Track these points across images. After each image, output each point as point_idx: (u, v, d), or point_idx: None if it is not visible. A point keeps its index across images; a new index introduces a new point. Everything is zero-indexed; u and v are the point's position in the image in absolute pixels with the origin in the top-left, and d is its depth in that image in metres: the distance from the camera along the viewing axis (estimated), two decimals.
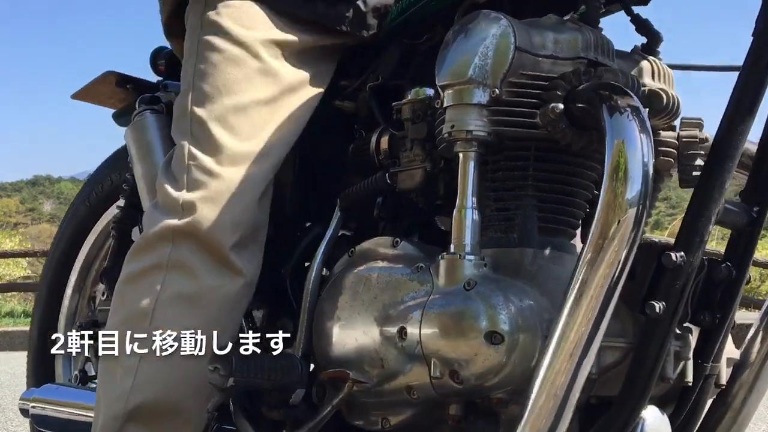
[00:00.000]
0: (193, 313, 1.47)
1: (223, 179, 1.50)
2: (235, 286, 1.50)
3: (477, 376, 1.23)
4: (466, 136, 1.29)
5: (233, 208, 1.49)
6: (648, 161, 1.16)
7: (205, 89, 1.57)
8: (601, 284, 1.15)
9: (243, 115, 1.55)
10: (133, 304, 1.51)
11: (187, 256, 1.49)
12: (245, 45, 1.59)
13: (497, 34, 1.30)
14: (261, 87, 1.58)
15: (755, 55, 1.23)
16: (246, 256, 1.51)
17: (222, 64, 1.58)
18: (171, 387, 1.48)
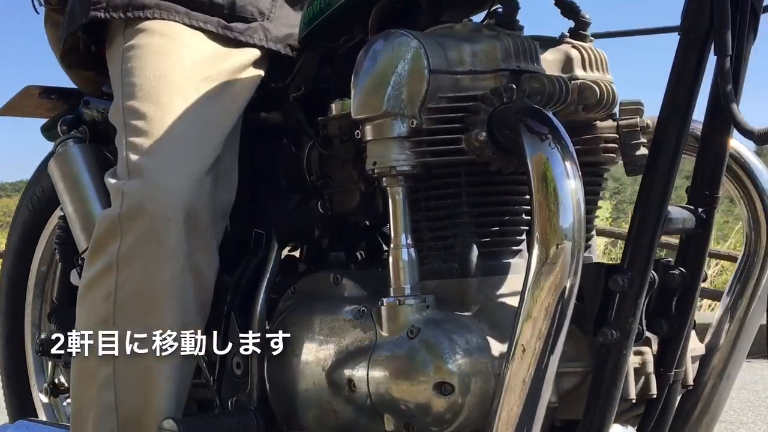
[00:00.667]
0: (154, 310, 1.43)
1: (160, 155, 1.45)
2: (186, 278, 1.44)
3: (432, 426, 1.19)
4: (390, 172, 1.22)
5: (174, 185, 1.43)
6: (576, 186, 1.10)
7: (134, 81, 1.54)
8: (549, 314, 1.11)
9: (177, 94, 1.51)
10: (93, 312, 1.48)
11: (135, 247, 1.44)
12: (170, 37, 1.57)
13: (408, 58, 1.21)
14: (194, 67, 1.55)
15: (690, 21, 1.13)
16: (195, 245, 1.45)
17: (148, 55, 1.56)
18: (153, 389, 1.44)
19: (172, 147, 1.46)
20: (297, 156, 1.52)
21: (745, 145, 1.36)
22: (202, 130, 1.49)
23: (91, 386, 1.47)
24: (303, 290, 1.41)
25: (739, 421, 3.31)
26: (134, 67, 1.55)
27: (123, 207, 1.44)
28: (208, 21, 1.59)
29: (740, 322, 1.39)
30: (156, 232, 1.42)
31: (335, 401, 1.28)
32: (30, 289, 2.31)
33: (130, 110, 1.52)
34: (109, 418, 1.45)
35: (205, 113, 1.51)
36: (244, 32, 1.59)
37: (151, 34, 1.57)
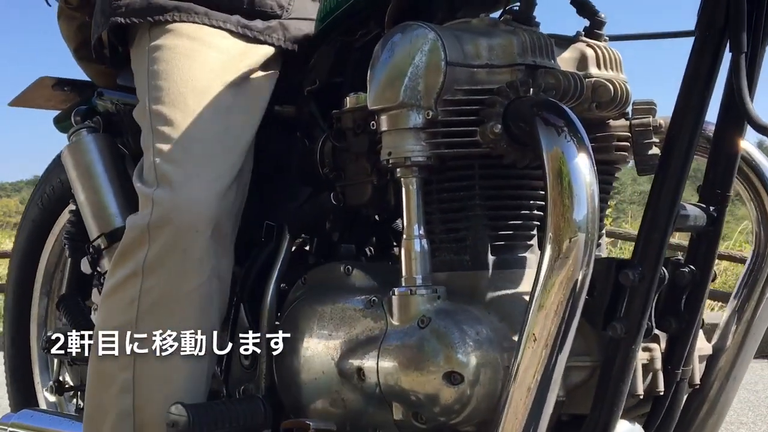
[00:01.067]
0: (175, 318, 1.43)
1: (189, 165, 1.46)
2: (211, 285, 1.45)
3: (440, 416, 1.19)
4: (405, 162, 1.23)
5: (202, 197, 1.43)
6: (590, 178, 1.10)
7: (161, 84, 1.54)
8: (560, 305, 1.11)
9: (204, 99, 1.51)
10: (115, 317, 1.48)
11: (162, 256, 1.44)
12: (196, 39, 1.58)
13: (425, 50, 1.22)
14: (219, 71, 1.55)
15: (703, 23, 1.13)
16: (220, 252, 1.46)
17: (175, 59, 1.56)
18: (172, 395, 1.43)
19: (199, 158, 1.46)
20: (310, 149, 1.53)
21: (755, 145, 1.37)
22: (227, 140, 1.49)
23: (109, 389, 1.47)
24: (314, 280, 1.42)
25: (739, 421, 3.30)
26: (161, 70, 1.55)
27: (152, 216, 1.44)
28: (227, 20, 1.59)
29: (747, 323, 1.39)
30: (183, 242, 1.43)
31: (344, 390, 1.28)
32: (37, 288, 2.31)
33: (157, 114, 1.52)
34: (126, 422, 1.45)
35: (231, 119, 1.51)
36: (263, 31, 1.60)
37: (178, 36, 1.58)
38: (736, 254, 6.36)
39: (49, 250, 2.29)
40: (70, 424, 1.89)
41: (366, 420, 1.27)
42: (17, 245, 2.37)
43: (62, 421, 1.93)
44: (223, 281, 1.48)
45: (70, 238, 1.96)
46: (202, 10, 1.59)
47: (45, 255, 2.30)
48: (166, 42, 1.57)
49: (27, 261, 2.30)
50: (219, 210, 1.44)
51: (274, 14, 1.63)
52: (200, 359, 1.44)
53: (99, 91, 1.93)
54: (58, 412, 2.13)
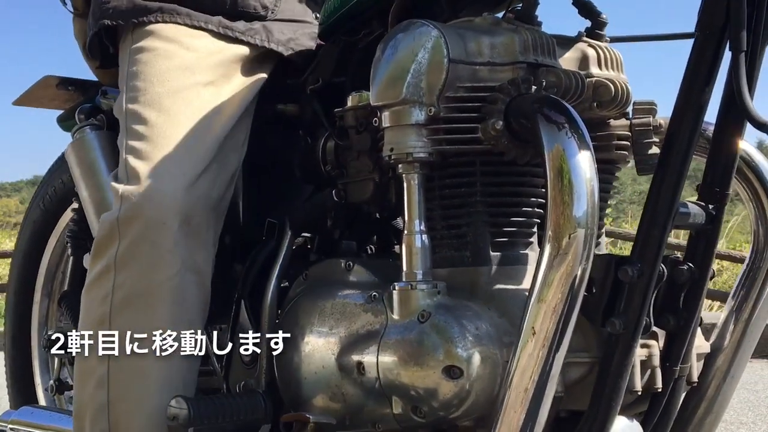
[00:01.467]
0: (148, 312, 1.45)
1: (157, 160, 1.48)
2: (184, 279, 1.46)
3: (439, 410, 1.19)
4: (407, 158, 1.24)
5: (168, 189, 1.45)
6: (591, 174, 1.11)
7: (138, 85, 1.57)
8: (559, 301, 1.12)
9: (179, 99, 1.54)
10: (92, 312, 1.50)
11: (132, 249, 1.46)
12: (175, 41, 1.60)
13: (428, 47, 1.23)
14: (197, 72, 1.57)
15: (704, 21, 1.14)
16: (193, 245, 1.47)
17: (153, 59, 1.58)
18: (147, 390, 1.45)
19: (168, 152, 1.48)
20: (312, 147, 1.54)
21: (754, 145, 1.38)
22: (198, 136, 1.51)
23: (89, 385, 1.48)
24: (315, 276, 1.43)
25: (739, 421, 3.30)
26: (138, 71, 1.58)
27: (121, 210, 1.47)
28: (209, 21, 1.61)
29: (745, 323, 1.40)
30: (151, 234, 1.44)
31: (344, 384, 1.29)
32: (38, 288, 2.32)
33: (132, 114, 1.55)
34: (102, 417, 1.46)
35: (205, 118, 1.52)
36: (245, 32, 1.62)
37: (157, 37, 1.60)
38: (735, 254, 6.36)
39: (51, 251, 2.30)
40: (69, 420, 1.89)
41: (366, 414, 1.27)
42: (19, 246, 2.38)
43: (62, 417, 1.93)
44: (202, 274, 1.49)
45: (72, 235, 1.97)
46: (184, 11, 1.62)
47: (46, 256, 2.31)
48: (146, 44, 1.60)
49: (28, 262, 2.31)
50: (187, 202, 1.45)
51: (257, 15, 1.65)
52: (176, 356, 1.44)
53: (103, 90, 1.95)
54: (58, 408, 2.14)
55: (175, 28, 1.60)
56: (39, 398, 2.30)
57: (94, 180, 1.78)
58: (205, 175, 1.49)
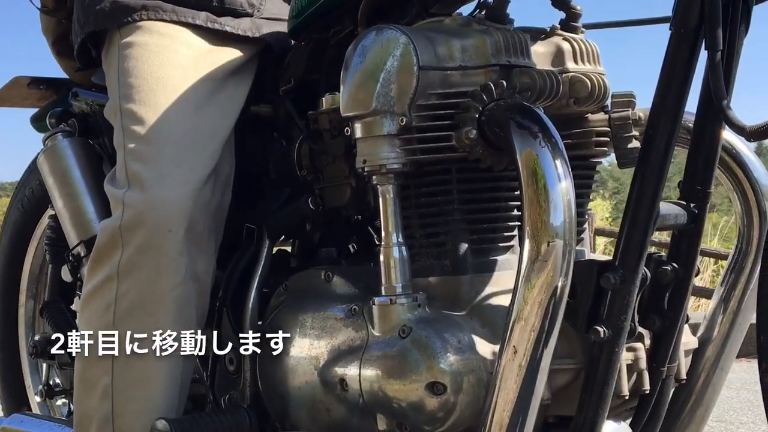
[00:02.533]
0: (153, 321, 1.42)
1: (161, 164, 1.43)
2: (188, 286, 1.44)
3: (425, 425, 1.18)
4: (380, 170, 1.21)
5: (174, 196, 1.41)
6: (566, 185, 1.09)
7: (131, 82, 1.52)
8: (541, 309, 1.10)
9: (176, 97, 1.49)
10: (93, 323, 1.47)
11: (136, 258, 1.42)
12: (166, 36, 1.56)
13: (397, 55, 1.19)
14: (190, 67, 1.53)
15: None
16: (195, 253, 1.44)
17: (145, 55, 1.54)
18: (149, 399, 1.44)
19: (171, 156, 1.44)
20: (287, 150, 1.51)
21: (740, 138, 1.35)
22: (201, 137, 1.47)
23: (92, 395, 1.47)
24: (294, 287, 1.40)
25: (739, 421, 3.30)
26: (131, 68, 1.53)
27: (123, 218, 1.42)
28: (196, 16, 1.57)
29: (733, 315, 1.38)
30: (156, 243, 1.41)
31: (327, 400, 1.27)
32: (23, 291, 2.30)
33: (128, 113, 1.50)
34: (107, 427, 1.45)
35: (203, 117, 1.49)
36: (234, 26, 1.57)
37: (147, 33, 1.55)
38: (710, 249, 6.37)
39: (33, 252, 2.27)
40: (61, 428, 1.88)
41: (351, 430, 1.26)
42: (1, 249, 2.36)
43: (52, 426, 1.92)
44: (202, 283, 1.46)
45: (50, 243, 1.94)
46: (169, 7, 1.57)
47: (29, 257, 2.29)
48: (135, 39, 1.55)
49: (11, 264, 2.28)
50: (192, 209, 1.42)
51: (244, 12, 1.60)
52: (177, 363, 1.43)
53: (74, 92, 1.90)
54: (48, 416, 2.12)
55: (163, 24, 1.55)
56: (30, 400, 2.29)
57: (68, 189, 1.74)
58: (209, 181, 1.45)
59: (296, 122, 1.52)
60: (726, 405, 3.48)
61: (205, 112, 1.49)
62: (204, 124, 1.48)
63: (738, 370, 1.19)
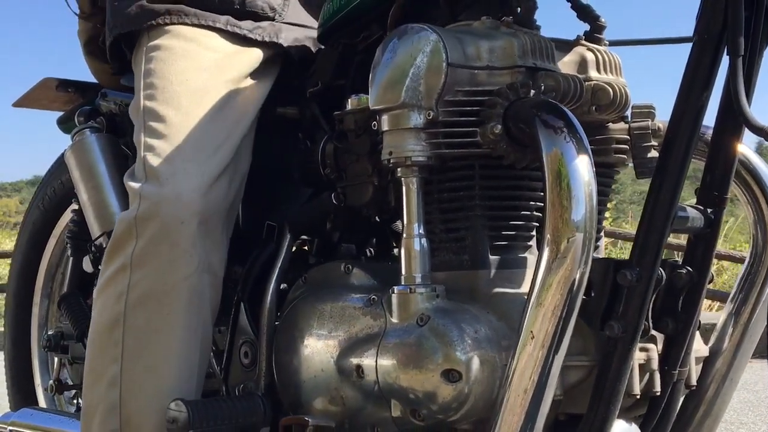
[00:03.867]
0: (164, 311, 1.45)
1: (177, 160, 1.48)
2: (201, 279, 1.46)
3: (438, 413, 1.20)
4: (405, 162, 1.24)
5: (188, 190, 1.45)
6: (589, 178, 1.11)
7: (156, 83, 1.57)
8: (558, 305, 1.12)
9: (198, 98, 1.54)
10: (105, 312, 1.50)
11: (149, 248, 1.45)
12: (192, 40, 1.61)
13: (427, 51, 1.23)
14: (215, 72, 1.58)
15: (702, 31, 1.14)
16: (209, 246, 1.47)
17: (170, 58, 1.59)
18: (160, 389, 1.45)
19: (188, 152, 1.48)
20: (312, 150, 1.54)
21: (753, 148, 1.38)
22: (219, 135, 1.51)
23: (100, 385, 1.48)
24: (314, 279, 1.43)
25: (739, 421, 3.30)
26: (156, 69, 1.58)
27: (139, 209, 1.46)
28: (217, 20, 1.62)
29: (744, 325, 1.40)
30: (170, 233, 1.44)
31: (343, 388, 1.29)
32: (38, 290, 2.33)
33: (150, 111, 1.54)
34: (113, 416, 1.46)
35: (223, 117, 1.53)
36: (254, 31, 1.63)
37: (174, 37, 1.61)
38: (735, 254, 6.37)
39: (50, 252, 2.31)
40: (69, 422, 1.89)
41: (364, 417, 1.27)
42: (18, 247, 2.39)
43: (61, 419, 1.94)
44: (215, 276, 1.49)
45: (72, 236, 1.97)
46: (191, 11, 1.63)
47: (46, 257, 2.32)
48: (162, 42, 1.61)
49: (28, 263, 2.32)
50: (205, 203, 1.45)
51: (265, 16, 1.66)
52: (189, 352, 1.46)
53: (103, 92, 1.95)
54: (57, 410, 2.14)
55: (189, 28, 1.61)
56: (39, 399, 2.31)
57: (93, 182, 1.78)
58: (223, 177, 1.49)
59: (321, 123, 1.56)
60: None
61: (223, 113, 1.54)
62: (221, 124, 1.53)
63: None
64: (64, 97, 2.22)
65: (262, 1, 1.66)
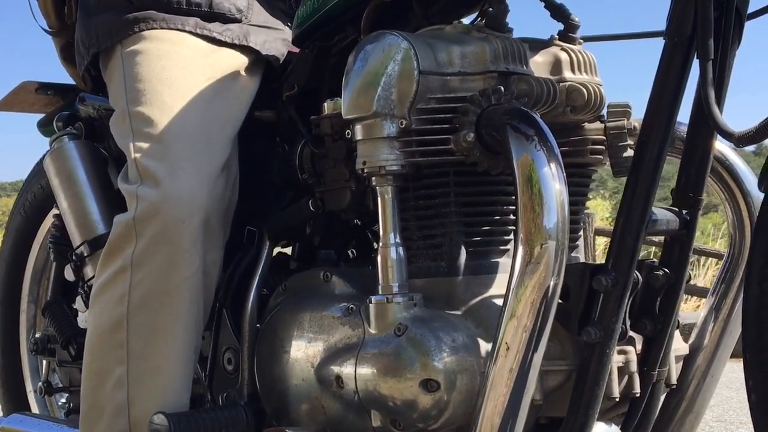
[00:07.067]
0: (167, 310, 1.45)
1: (172, 160, 1.47)
2: (199, 277, 1.46)
3: (418, 422, 1.20)
4: (379, 171, 1.24)
5: (187, 188, 1.44)
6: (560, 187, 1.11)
7: (137, 87, 1.57)
8: (533, 310, 1.12)
9: (180, 96, 1.53)
10: (106, 314, 1.49)
11: (150, 249, 1.45)
12: (166, 41, 1.61)
13: (398, 59, 1.22)
14: (192, 67, 1.58)
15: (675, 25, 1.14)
16: (209, 247, 1.47)
17: (147, 60, 1.59)
18: (163, 387, 1.46)
19: (182, 151, 1.47)
20: (289, 154, 1.54)
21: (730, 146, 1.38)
22: (208, 131, 1.51)
23: (105, 386, 1.48)
24: (293, 287, 1.43)
25: (739, 420, 3.29)
26: (135, 74, 1.58)
27: (137, 210, 1.45)
28: (185, 23, 1.62)
29: (724, 322, 1.41)
30: (170, 233, 1.43)
31: (323, 397, 1.29)
32: (24, 296, 2.32)
33: (136, 116, 1.54)
34: (122, 417, 1.46)
35: (209, 114, 1.53)
36: (223, 33, 1.62)
37: (148, 40, 1.61)
38: (711, 249, 6.39)
39: (35, 257, 2.30)
40: (60, 428, 1.89)
41: (346, 427, 1.28)
42: (3, 254, 2.38)
43: (51, 425, 1.94)
44: (210, 276, 1.49)
45: (54, 242, 1.96)
46: (159, 16, 1.63)
47: (30, 262, 2.31)
48: (136, 48, 1.61)
49: (13, 269, 2.31)
50: (206, 201, 1.45)
51: (233, 18, 1.65)
52: (188, 353, 1.46)
53: (81, 96, 1.93)
54: (47, 416, 2.14)
55: (159, 31, 1.61)
56: (31, 404, 2.31)
57: (73, 190, 1.77)
58: (221, 175, 1.49)
59: (299, 127, 1.55)
60: (726, 405, 3.49)
61: (212, 109, 1.53)
62: (212, 120, 1.52)
63: (738, 370, 1.19)
64: (44, 100, 2.21)
65: (228, 3, 1.65)
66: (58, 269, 1.99)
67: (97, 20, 1.66)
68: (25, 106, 2.26)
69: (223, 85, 1.57)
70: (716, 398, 3.56)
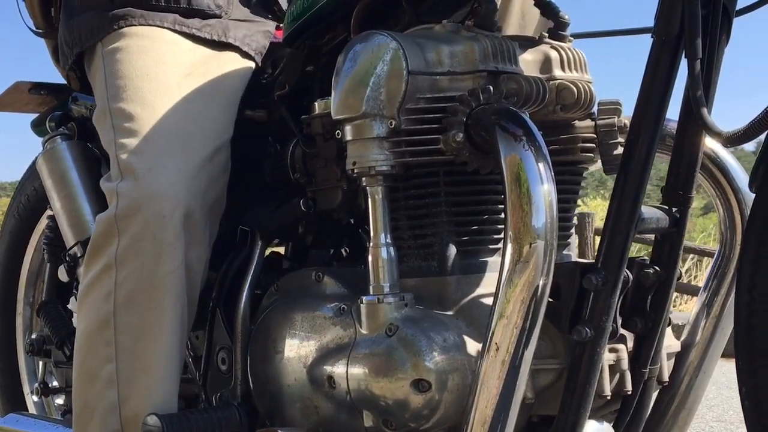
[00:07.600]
0: (154, 306, 1.44)
1: (152, 156, 1.47)
2: (182, 272, 1.46)
3: (410, 422, 1.20)
4: (369, 172, 1.24)
5: (167, 183, 1.44)
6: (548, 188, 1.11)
7: (117, 83, 1.57)
8: (523, 308, 1.12)
9: (161, 92, 1.54)
10: (93, 313, 1.49)
11: (133, 245, 1.45)
12: (146, 37, 1.62)
13: (387, 59, 1.22)
14: (171, 64, 1.59)
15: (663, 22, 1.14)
16: (190, 242, 1.47)
17: (127, 57, 1.60)
18: (153, 384, 1.45)
19: (162, 147, 1.47)
20: (281, 154, 1.54)
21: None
22: (189, 127, 1.51)
23: (95, 386, 1.48)
24: (286, 287, 1.43)
25: (739, 420, 3.29)
26: (116, 70, 1.58)
27: (118, 207, 1.45)
28: (164, 19, 1.63)
29: (716, 319, 1.41)
30: (152, 229, 1.43)
31: (316, 397, 1.29)
32: (20, 298, 2.32)
33: (117, 112, 1.54)
34: (113, 417, 1.46)
35: (190, 109, 1.53)
36: (202, 29, 1.63)
37: (128, 37, 1.61)
38: (711, 249, 6.39)
39: (30, 259, 2.30)
40: (56, 428, 1.90)
41: (338, 427, 1.28)
42: None
43: (47, 425, 1.94)
44: (194, 272, 1.49)
45: (48, 243, 1.96)
46: (138, 13, 1.63)
47: (26, 264, 2.31)
48: (117, 45, 1.61)
49: (9, 272, 2.31)
50: (187, 196, 1.45)
51: (212, 14, 1.66)
52: (177, 350, 1.46)
53: (73, 96, 1.94)
54: (44, 416, 2.14)
55: (139, 27, 1.61)
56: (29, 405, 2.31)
57: (66, 191, 1.77)
58: (203, 171, 1.48)
59: (290, 126, 1.55)
60: (726, 405, 3.49)
61: (192, 104, 1.53)
62: (193, 115, 1.52)
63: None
64: (38, 100, 2.20)
65: None
66: (53, 270, 1.99)
67: (80, 20, 1.67)
68: (18, 106, 2.26)
69: (203, 80, 1.57)
70: (716, 398, 3.57)
